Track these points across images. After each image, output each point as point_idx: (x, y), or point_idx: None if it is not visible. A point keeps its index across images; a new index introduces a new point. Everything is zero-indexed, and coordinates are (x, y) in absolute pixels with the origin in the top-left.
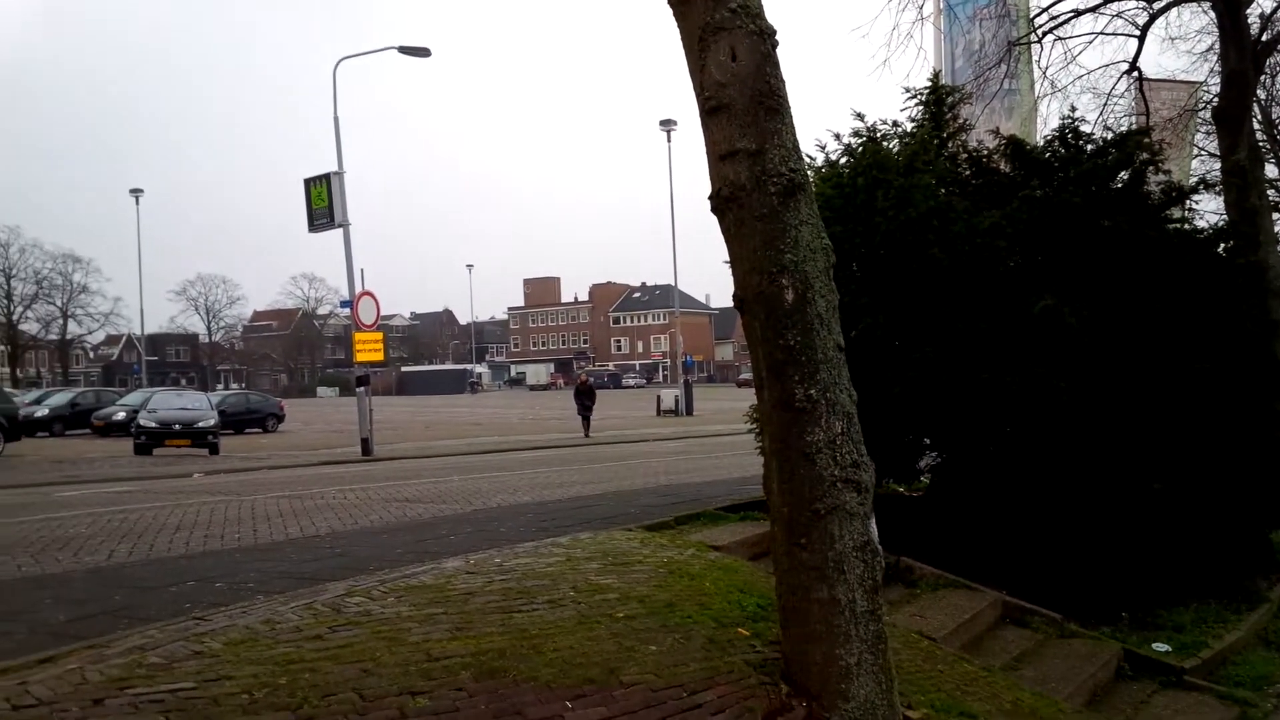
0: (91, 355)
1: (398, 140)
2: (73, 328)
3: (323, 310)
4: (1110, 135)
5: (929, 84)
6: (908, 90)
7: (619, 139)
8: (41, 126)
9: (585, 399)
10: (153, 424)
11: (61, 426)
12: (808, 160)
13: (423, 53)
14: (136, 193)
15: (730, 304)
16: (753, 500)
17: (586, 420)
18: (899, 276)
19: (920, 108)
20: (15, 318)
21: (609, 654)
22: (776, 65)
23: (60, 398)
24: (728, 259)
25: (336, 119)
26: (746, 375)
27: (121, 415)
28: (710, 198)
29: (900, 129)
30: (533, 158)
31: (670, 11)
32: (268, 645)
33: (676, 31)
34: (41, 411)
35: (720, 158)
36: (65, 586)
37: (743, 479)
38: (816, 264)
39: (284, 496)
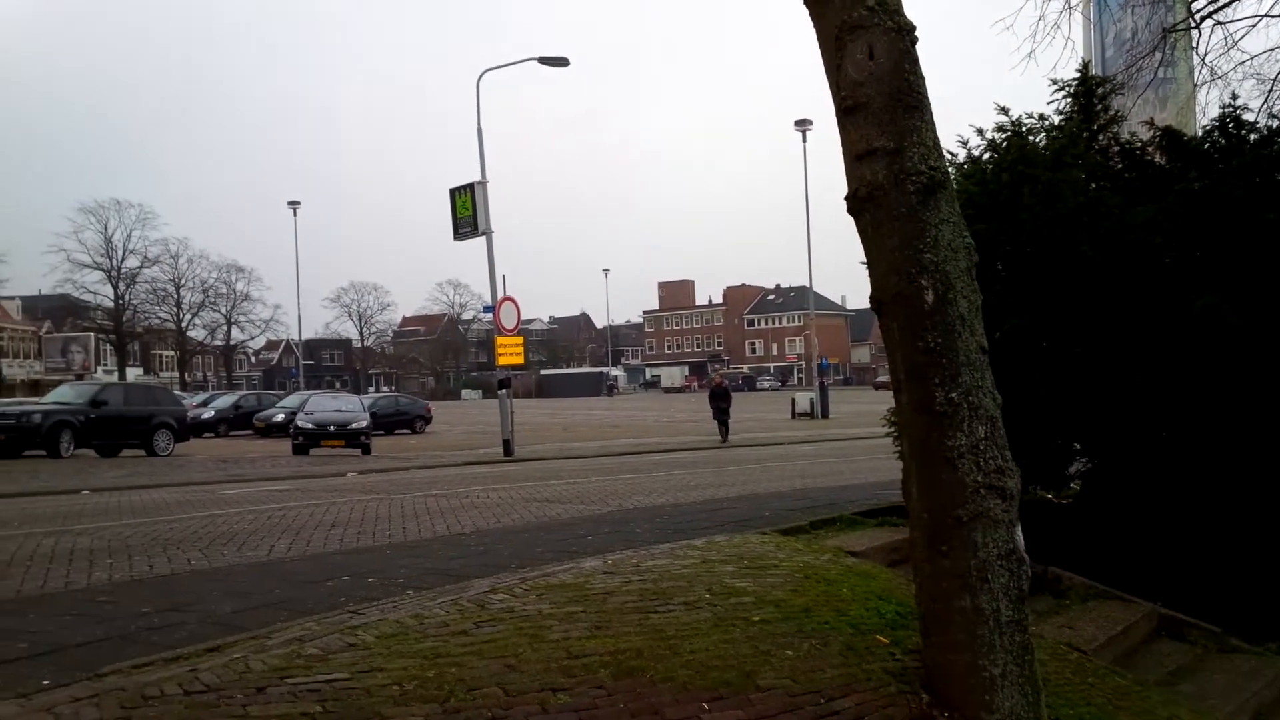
0: (253, 360)
1: (537, 146)
2: (236, 334)
3: (466, 315)
4: (1275, 124)
5: (1077, 75)
6: (1054, 82)
7: (753, 141)
8: (211, 133)
9: (720, 401)
10: (310, 425)
11: (226, 427)
12: (949, 157)
13: (562, 62)
14: (294, 204)
15: (867, 306)
16: (891, 505)
17: (724, 424)
18: (1046, 275)
19: (1068, 100)
20: (184, 325)
21: (745, 657)
22: (916, 62)
23: (225, 400)
24: (864, 260)
25: (480, 130)
26: (883, 378)
27: (281, 417)
28: (847, 198)
29: (1047, 122)
30: (667, 160)
31: (806, 11)
32: (416, 639)
33: (812, 30)
34: (208, 413)
35: (857, 157)
36: (230, 580)
37: (880, 484)
38: (958, 263)
39: (431, 495)
